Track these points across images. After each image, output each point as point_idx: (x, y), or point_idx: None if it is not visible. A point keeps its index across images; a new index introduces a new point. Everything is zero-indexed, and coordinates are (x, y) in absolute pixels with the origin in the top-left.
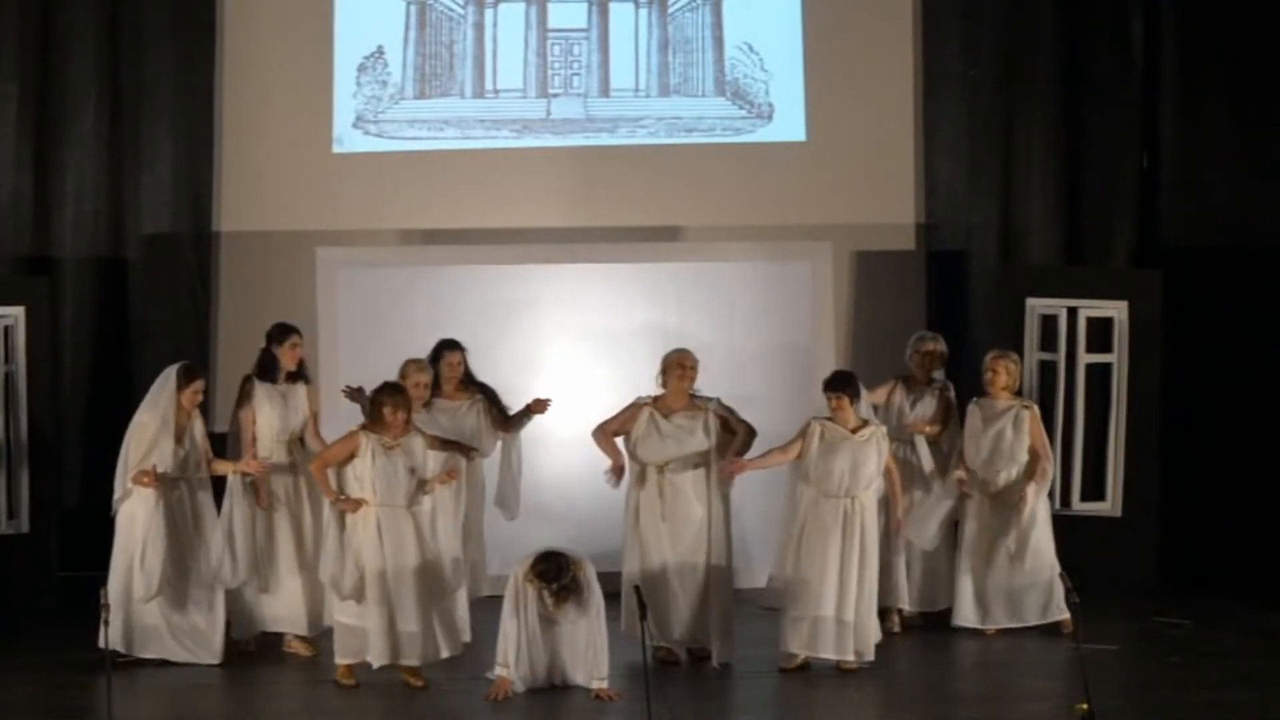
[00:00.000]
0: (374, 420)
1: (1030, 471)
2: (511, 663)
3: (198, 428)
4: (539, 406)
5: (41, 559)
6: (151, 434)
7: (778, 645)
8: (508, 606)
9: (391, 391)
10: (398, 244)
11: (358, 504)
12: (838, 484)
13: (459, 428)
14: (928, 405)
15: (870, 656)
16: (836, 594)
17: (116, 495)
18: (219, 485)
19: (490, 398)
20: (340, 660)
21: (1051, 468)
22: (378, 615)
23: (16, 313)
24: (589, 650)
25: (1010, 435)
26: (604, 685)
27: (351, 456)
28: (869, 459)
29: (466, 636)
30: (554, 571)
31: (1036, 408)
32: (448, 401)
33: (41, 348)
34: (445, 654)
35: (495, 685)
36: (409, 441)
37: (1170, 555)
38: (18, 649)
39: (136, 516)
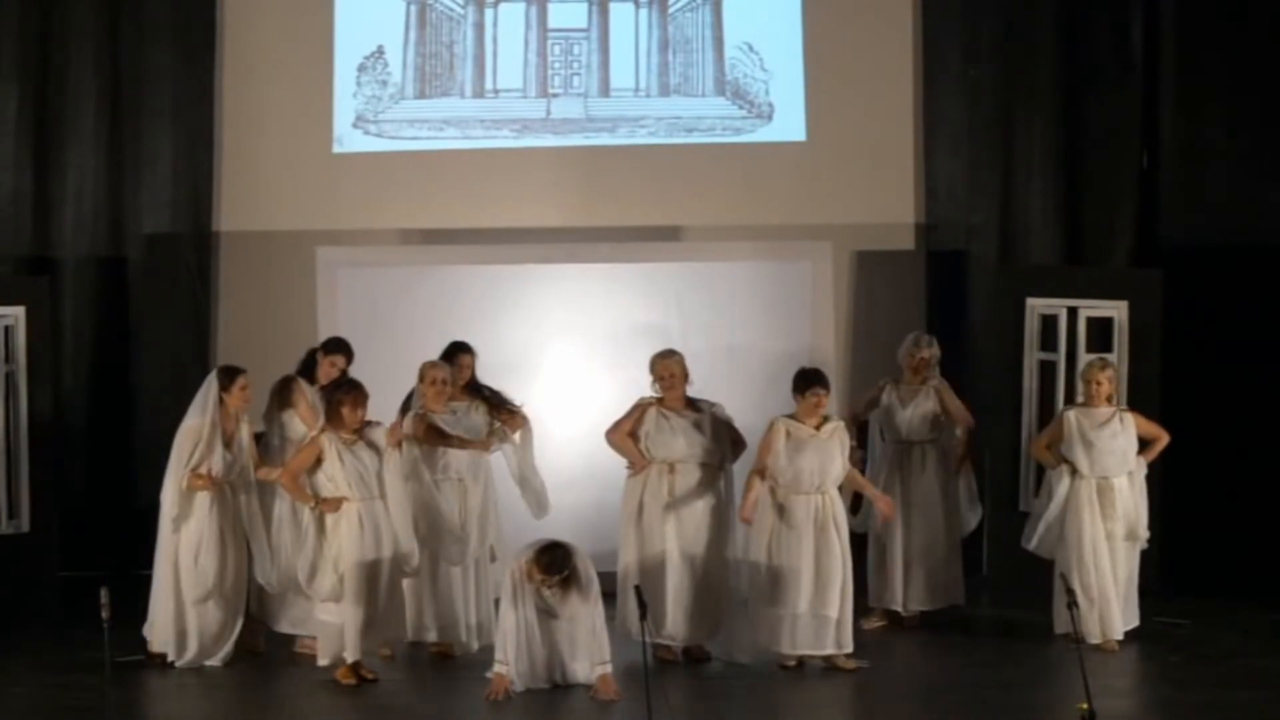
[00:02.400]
0: (332, 419)
1: (1149, 454)
2: (510, 659)
3: (244, 432)
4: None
5: (41, 559)
6: (203, 438)
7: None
8: (505, 602)
9: (349, 389)
10: (398, 244)
11: (339, 503)
12: (809, 482)
13: (462, 428)
14: (921, 406)
15: (849, 649)
16: (813, 589)
17: (167, 500)
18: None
19: (494, 404)
20: (323, 661)
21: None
22: (357, 610)
23: (16, 313)
24: (590, 637)
25: (1123, 442)
26: (607, 670)
27: (318, 461)
28: (835, 455)
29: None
30: (559, 563)
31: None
32: (454, 403)
33: (41, 348)
34: (410, 638)
35: (494, 683)
36: (369, 433)
37: (1170, 555)
38: (18, 649)
39: (188, 519)
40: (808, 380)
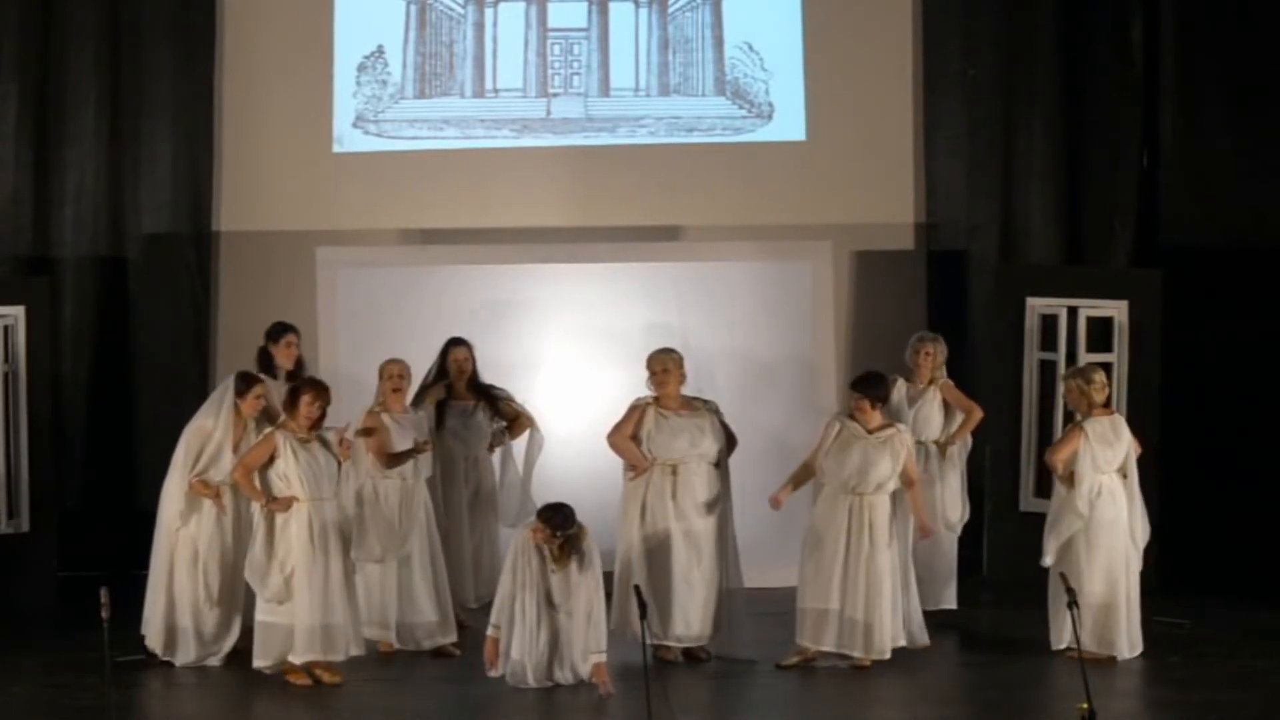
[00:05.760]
0: (290, 412)
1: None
2: (504, 624)
3: (252, 439)
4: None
5: (41, 559)
6: (213, 440)
7: (778, 644)
8: (507, 568)
9: (311, 384)
10: (398, 244)
11: (289, 502)
12: (846, 481)
13: (469, 427)
14: (929, 405)
15: (884, 655)
16: (840, 589)
17: (169, 498)
18: None
19: (491, 403)
20: (260, 662)
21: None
22: (307, 611)
23: (16, 312)
24: (587, 624)
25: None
26: (601, 659)
27: (272, 458)
28: (881, 460)
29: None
30: (560, 520)
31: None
32: (459, 401)
33: (41, 347)
34: (355, 651)
35: (486, 648)
36: (322, 434)
37: (1170, 555)
38: (18, 649)
39: (192, 519)
40: (852, 385)
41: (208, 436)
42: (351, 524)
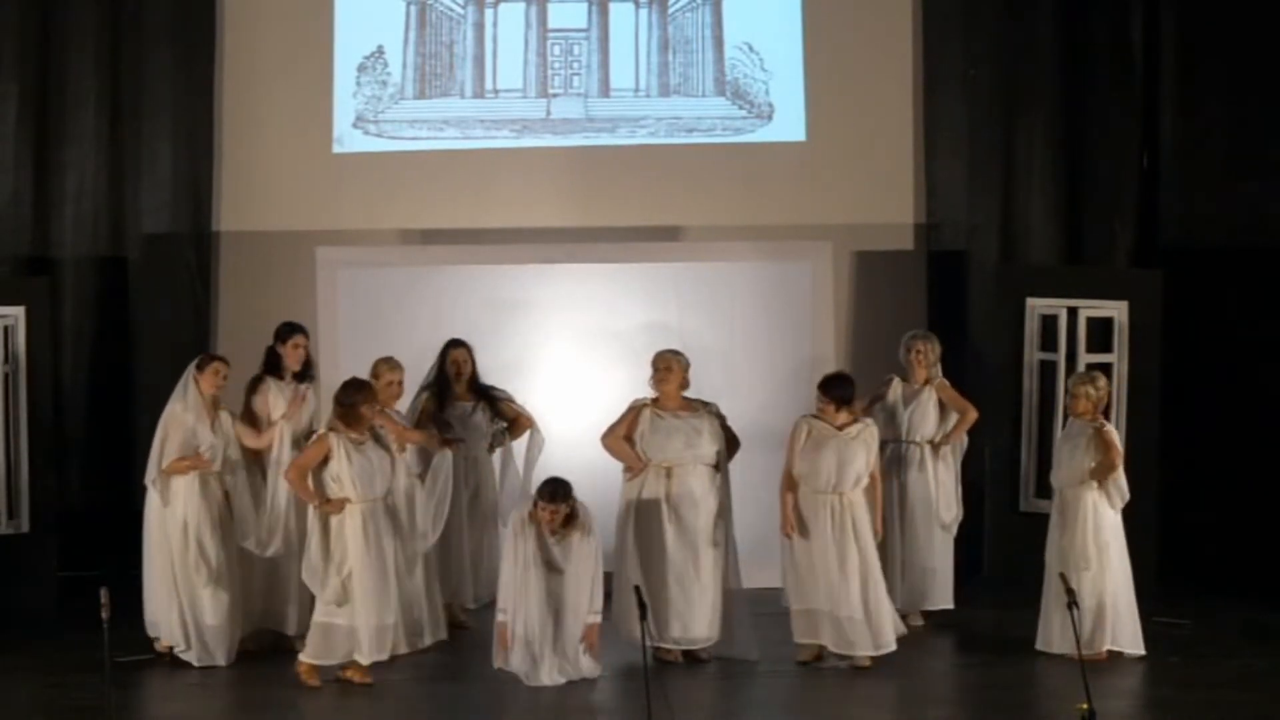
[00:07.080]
0: (347, 419)
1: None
2: (511, 609)
3: (224, 419)
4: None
5: (41, 559)
6: (186, 424)
7: (778, 644)
8: (506, 551)
9: (359, 389)
10: (398, 244)
11: (342, 504)
12: (825, 481)
13: (468, 428)
14: (924, 405)
15: (892, 648)
16: (834, 589)
17: (152, 486)
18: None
19: (491, 404)
20: (323, 660)
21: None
22: (368, 612)
23: (16, 313)
24: (589, 584)
25: (1080, 456)
26: (596, 620)
27: (326, 459)
28: (856, 456)
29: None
30: (561, 492)
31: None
32: (459, 403)
33: (41, 348)
34: (430, 640)
35: (497, 635)
36: (376, 430)
37: (1170, 555)
38: (18, 649)
39: (175, 500)
40: (822, 386)
41: (179, 420)
42: (406, 522)
